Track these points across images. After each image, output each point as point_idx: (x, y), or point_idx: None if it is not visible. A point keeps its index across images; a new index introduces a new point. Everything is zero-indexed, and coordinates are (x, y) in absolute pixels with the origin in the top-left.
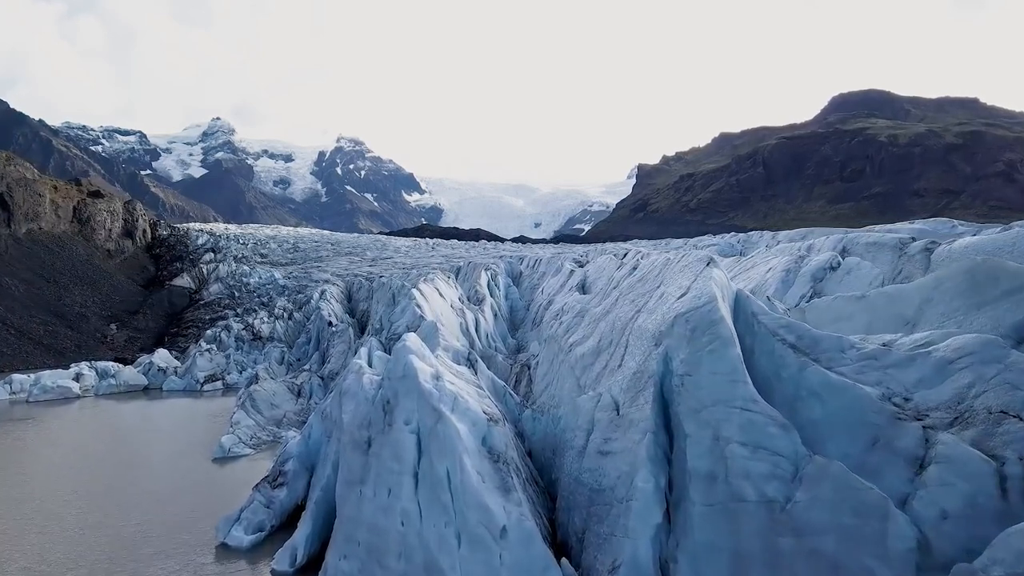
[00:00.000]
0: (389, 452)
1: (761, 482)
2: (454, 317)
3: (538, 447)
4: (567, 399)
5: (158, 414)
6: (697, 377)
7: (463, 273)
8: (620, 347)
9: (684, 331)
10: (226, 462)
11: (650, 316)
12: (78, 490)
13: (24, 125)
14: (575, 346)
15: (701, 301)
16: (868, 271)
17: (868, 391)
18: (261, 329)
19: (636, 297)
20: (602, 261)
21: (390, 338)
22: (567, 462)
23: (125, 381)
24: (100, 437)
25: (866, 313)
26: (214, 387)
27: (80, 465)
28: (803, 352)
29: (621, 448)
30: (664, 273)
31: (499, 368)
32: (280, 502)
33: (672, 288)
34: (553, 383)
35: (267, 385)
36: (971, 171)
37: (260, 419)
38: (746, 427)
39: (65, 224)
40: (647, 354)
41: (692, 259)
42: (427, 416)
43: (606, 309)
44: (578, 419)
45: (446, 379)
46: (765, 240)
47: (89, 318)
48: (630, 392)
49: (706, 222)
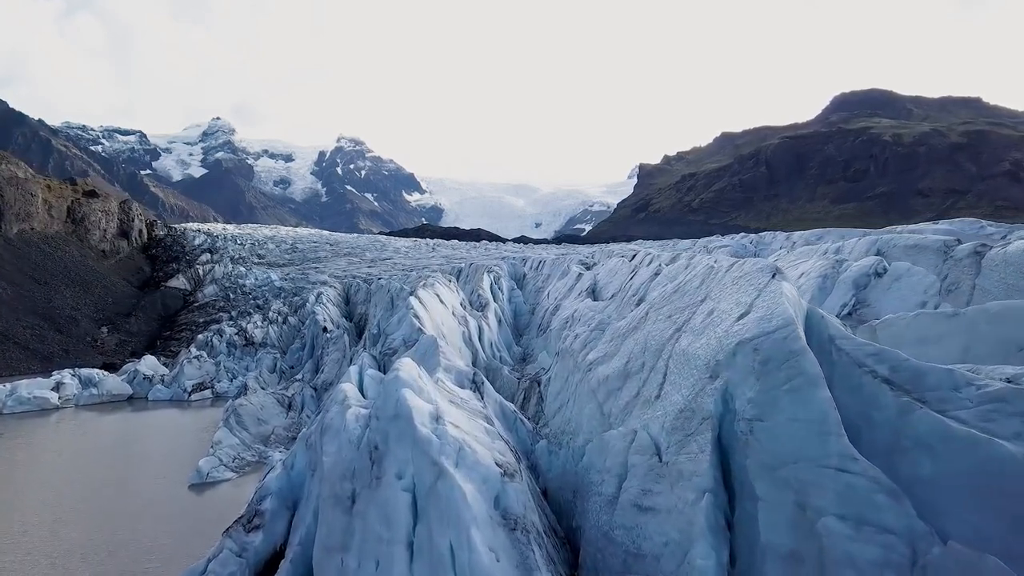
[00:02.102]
0: (377, 514)
1: (871, 572)
2: (456, 325)
3: (555, 486)
4: (587, 427)
5: (139, 428)
6: (771, 424)
7: (464, 275)
8: (656, 373)
9: (751, 363)
10: (204, 489)
11: (697, 338)
12: (26, 524)
13: (24, 125)
14: (595, 365)
15: (773, 325)
16: (921, 278)
17: (1009, 448)
18: (254, 334)
19: (673, 312)
20: (613, 264)
21: (385, 353)
22: (592, 509)
23: (108, 391)
24: (69, 456)
25: (961, 335)
26: (202, 396)
27: (36, 491)
28: (902, 389)
29: (667, 506)
30: (709, 285)
31: (505, 382)
32: (255, 549)
33: (726, 304)
34: (568, 404)
35: (254, 398)
36: (976, 171)
37: (246, 437)
38: (845, 495)
39: (59, 224)
40: (698, 388)
41: (749, 268)
42: (425, 471)
43: (633, 324)
44: (606, 459)
45: (448, 420)
46: (779, 241)
47: (79, 321)
48: (676, 434)
49: (708, 222)
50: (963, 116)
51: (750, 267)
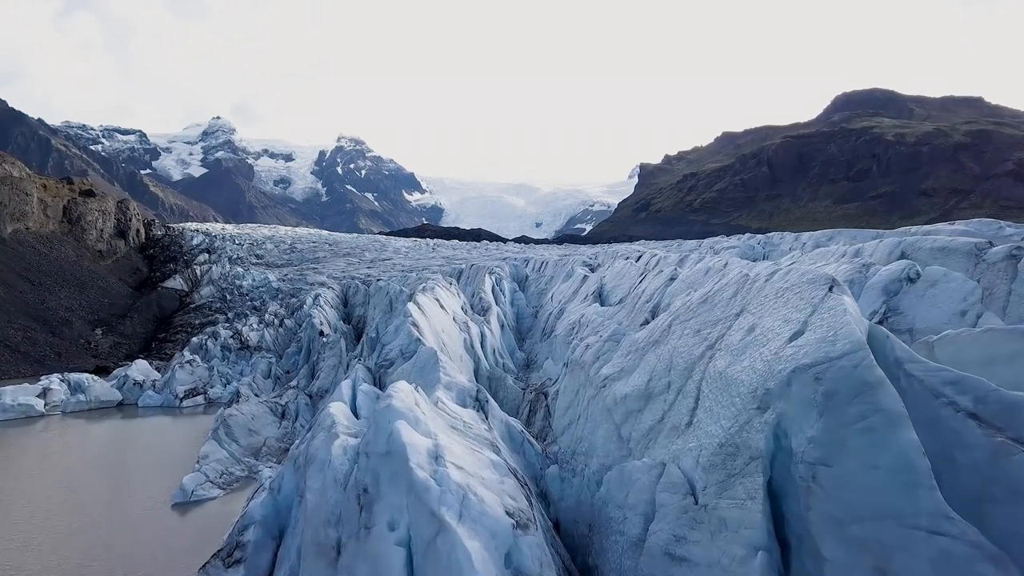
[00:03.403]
0: (366, 571)
1: None
2: (457, 332)
3: (568, 517)
4: (603, 450)
5: (125, 437)
6: (841, 471)
7: (465, 276)
8: (685, 396)
9: (811, 394)
10: (188, 509)
11: (736, 360)
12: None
13: (23, 124)
14: (610, 381)
15: (839, 349)
16: (960, 284)
17: None
18: (249, 337)
19: (703, 326)
20: (620, 267)
21: (381, 364)
22: (612, 550)
23: (96, 397)
24: (47, 470)
25: None
26: (194, 403)
27: (5, 510)
28: (992, 426)
29: (707, 559)
30: (746, 296)
31: (510, 394)
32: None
33: (770, 321)
34: (579, 422)
35: (246, 407)
36: (980, 170)
37: (235, 449)
38: (940, 563)
39: (54, 224)
40: (742, 420)
41: (796, 279)
42: (422, 523)
43: (653, 337)
44: (628, 493)
45: (449, 459)
46: (788, 242)
47: (73, 323)
48: (716, 473)
49: (710, 222)
50: (965, 116)
51: (797, 277)
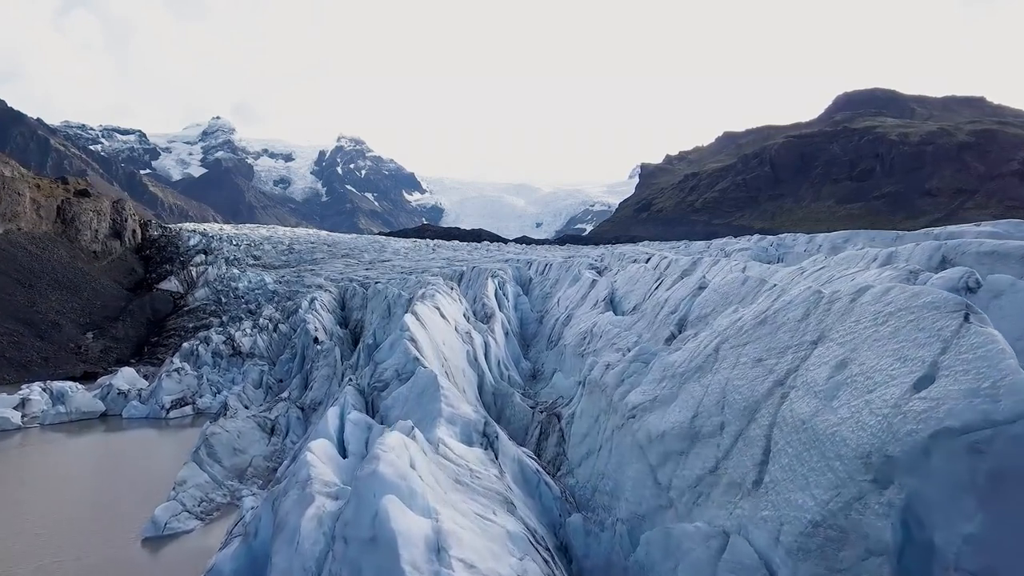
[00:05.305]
0: None
1: None
2: (459, 344)
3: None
4: (633, 494)
5: (104, 453)
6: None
7: (467, 279)
8: (749, 445)
9: (965, 471)
10: (160, 545)
11: (827, 405)
12: None
13: (22, 124)
14: (641, 412)
15: (1008, 410)
16: None
17: None
18: (242, 343)
19: (765, 355)
20: (633, 271)
21: (375, 386)
22: None
23: (78, 408)
24: (11, 493)
25: None
26: (182, 413)
27: None
28: None
29: None
30: (824, 319)
31: (517, 413)
32: None
33: (873, 357)
34: (601, 453)
35: (231, 424)
36: (985, 170)
37: (217, 472)
38: None
39: (48, 224)
40: (849, 494)
41: (905, 301)
42: None
43: (696, 362)
44: (676, 565)
45: (456, 552)
46: (801, 244)
47: (63, 326)
48: (811, 562)
49: (712, 222)
50: (967, 115)
51: (906, 298)
